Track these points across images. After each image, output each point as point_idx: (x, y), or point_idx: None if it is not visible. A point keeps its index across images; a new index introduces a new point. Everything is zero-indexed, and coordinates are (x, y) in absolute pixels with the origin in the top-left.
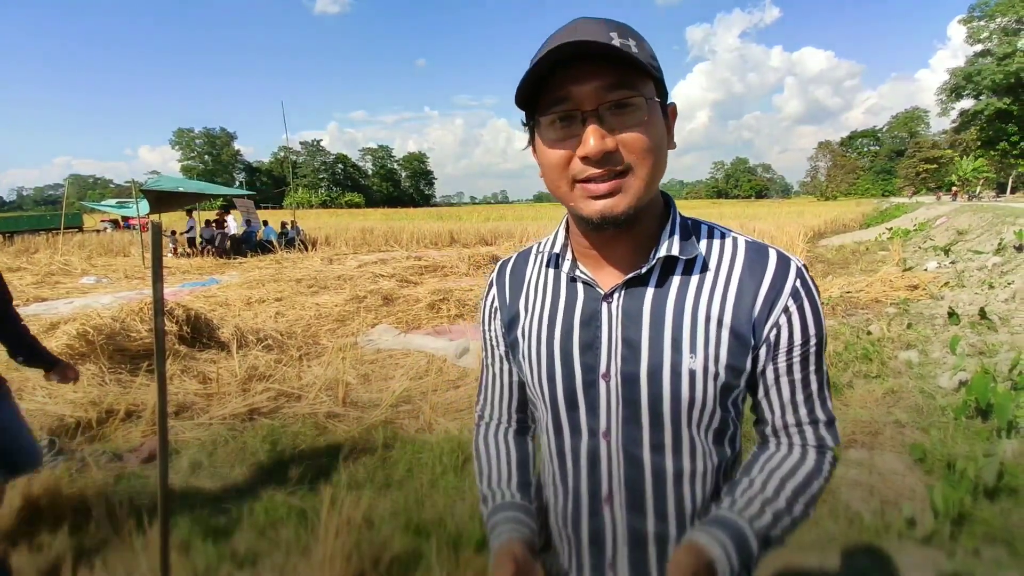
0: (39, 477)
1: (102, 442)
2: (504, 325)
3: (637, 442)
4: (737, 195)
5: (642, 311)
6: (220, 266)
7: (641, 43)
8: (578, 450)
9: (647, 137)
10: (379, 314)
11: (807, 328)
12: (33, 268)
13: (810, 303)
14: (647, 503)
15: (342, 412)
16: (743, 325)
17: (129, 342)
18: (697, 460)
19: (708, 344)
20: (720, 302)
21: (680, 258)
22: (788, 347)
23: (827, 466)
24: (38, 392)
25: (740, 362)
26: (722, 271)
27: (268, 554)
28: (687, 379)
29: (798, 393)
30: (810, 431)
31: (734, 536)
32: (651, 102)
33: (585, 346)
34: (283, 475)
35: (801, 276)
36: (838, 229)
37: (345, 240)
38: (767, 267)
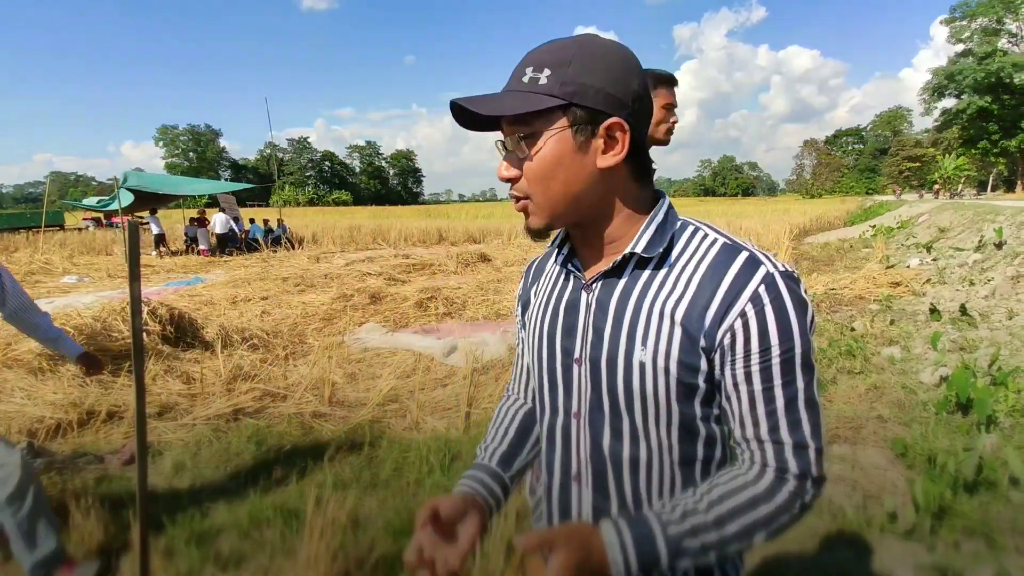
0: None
1: (83, 444)
2: (522, 309)
3: (599, 427)
4: (724, 193)
5: (610, 302)
6: (205, 264)
7: (562, 68)
8: (555, 427)
9: (536, 167)
10: (366, 313)
11: (767, 336)
12: (13, 267)
13: (775, 310)
14: (610, 486)
15: (328, 411)
16: (693, 324)
17: (111, 342)
18: (654, 452)
19: (660, 339)
20: (676, 299)
21: (645, 256)
22: (745, 353)
23: (784, 494)
24: (17, 394)
25: (692, 360)
26: (687, 269)
27: (252, 556)
28: (637, 370)
29: (758, 406)
30: (770, 450)
31: (639, 533)
32: (551, 133)
33: (566, 331)
34: (268, 476)
35: (769, 282)
36: (823, 227)
37: (332, 238)
38: (731, 267)
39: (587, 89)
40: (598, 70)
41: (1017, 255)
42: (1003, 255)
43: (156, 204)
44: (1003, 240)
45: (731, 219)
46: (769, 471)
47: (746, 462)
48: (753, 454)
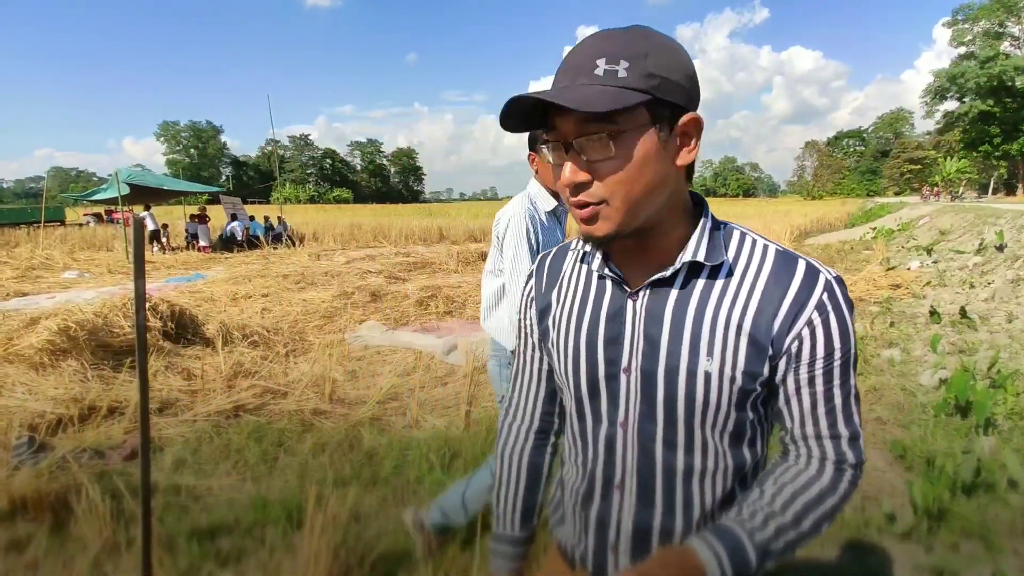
0: (20, 474)
1: (84, 440)
2: (537, 314)
3: (651, 436)
4: (725, 194)
5: (664, 311)
6: (205, 261)
7: (640, 60)
8: (597, 436)
9: (619, 170)
10: (367, 310)
11: (831, 341)
12: (14, 262)
13: (837, 317)
14: (656, 495)
15: (328, 409)
16: (762, 333)
17: (112, 338)
18: (709, 459)
19: (726, 349)
20: (741, 309)
21: (704, 264)
22: (811, 359)
23: (845, 484)
24: (18, 389)
25: (757, 368)
26: (747, 278)
27: (253, 552)
28: (702, 380)
29: (819, 405)
30: (830, 445)
31: (730, 545)
32: (632, 131)
33: (609, 340)
34: (269, 472)
35: (829, 289)
36: (824, 228)
37: (333, 236)
38: (794, 278)
39: (667, 83)
40: (672, 63)
41: (1017, 258)
42: (1004, 258)
43: (151, 200)
44: (1004, 243)
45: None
46: (828, 464)
47: (803, 457)
48: (811, 449)
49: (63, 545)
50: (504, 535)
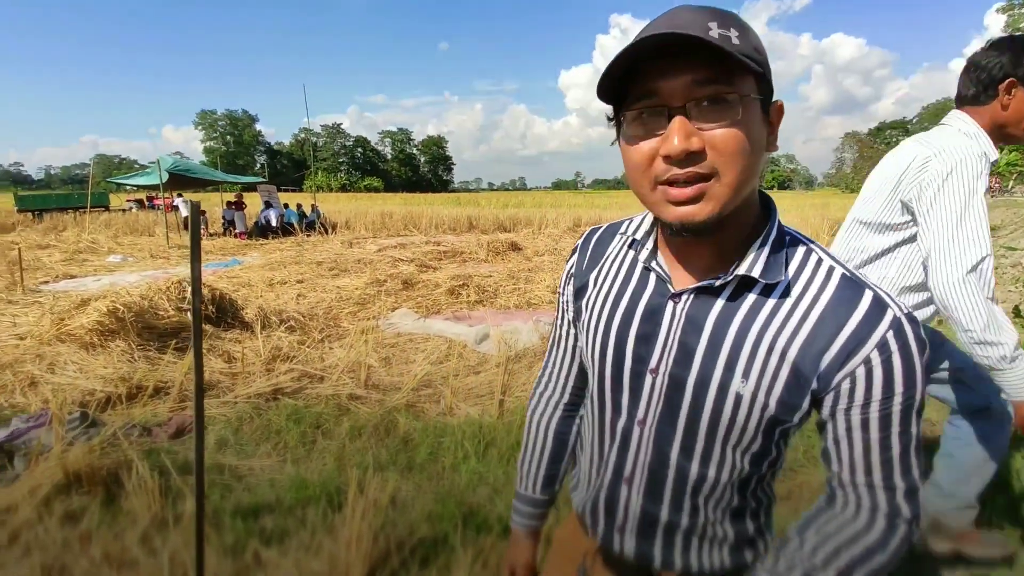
0: (75, 449)
1: (131, 417)
2: (574, 292)
3: (668, 440)
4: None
5: (706, 321)
6: (242, 247)
7: (744, 33)
8: (615, 426)
9: (739, 138)
10: (399, 298)
11: (891, 385)
12: (62, 246)
13: (903, 359)
14: (665, 494)
15: (364, 394)
16: (807, 365)
17: (157, 320)
18: (724, 472)
19: (764, 373)
20: (790, 334)
21: (759, 280)
22: (864, 401)
23: (896, 541)
24: (70, 367)
25: (796, 400)
26: (803, 302)
27: (295, 532)
28: (732, 401)
29: (873, 453)
30: (883, 496)
31: None
32: (748, 100)
33: (641, 337)
34: (307, 454)
35: (897, 327)
36: None
37: (364, 224)
38: (856, 309)
39: (765, 63)
40: (760, 45)
41: None
42: None
43: (188, 188)
44: None
45: None
46: (880, 517)
47: (851, 506)
48: (861, 499)
49: (114, 518)
50: (525, 496)
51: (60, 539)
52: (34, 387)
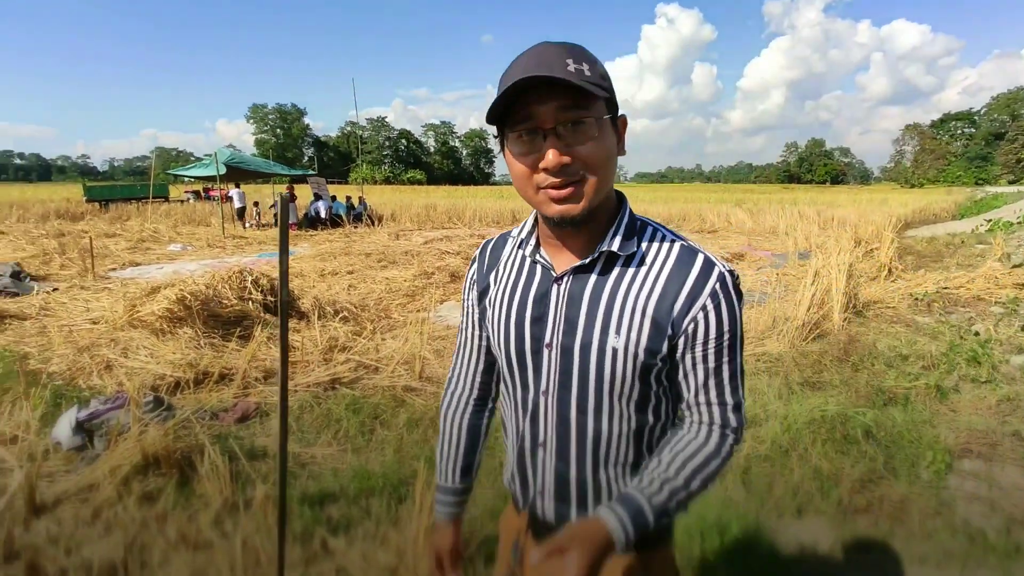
0: (151, 432)
1: (199, 401)
2: (477, 295)
3: (567, 403)
4: (811, 180)
5: (583, 295)
6: (292, 238)
7: (593, 65)
8: (526, 401)
9: (598, 150)
10: (447, 291)
11: (722, 325)
12: (126, 234)
13: (727, 304)
14: (571, 453)
15: (419, 386)
16: (663, 316)
17: (221, 308)
18: (615, 423)
19: (631, 328)
20: (647, 294)
21: (619, 253)
22: (704, 339)
23: (727, 447)
24: (141, 351)
25: (657, 346)
26: (654, 268)
27: (359, 522)
28: (610, 355)
29: (710, 378)
30: (717, 411)
31: (631, 510)
32: (600, 120)
33: (535, 319)
34: (367, 444)
35: (721, 280)
36: (927, 219)
37: (409, 216)
38: (692, 269)
39: (611, 87)
40: (606, 73)
41: None
42: None
43: (243, 179)
44: None
45: (821, 208)
46: (715, 429)
47: (694, 423)
48: (702, 415)
49: (188, 500)
50: (445, 487)
51: (139, 518)
52: (109, 370)
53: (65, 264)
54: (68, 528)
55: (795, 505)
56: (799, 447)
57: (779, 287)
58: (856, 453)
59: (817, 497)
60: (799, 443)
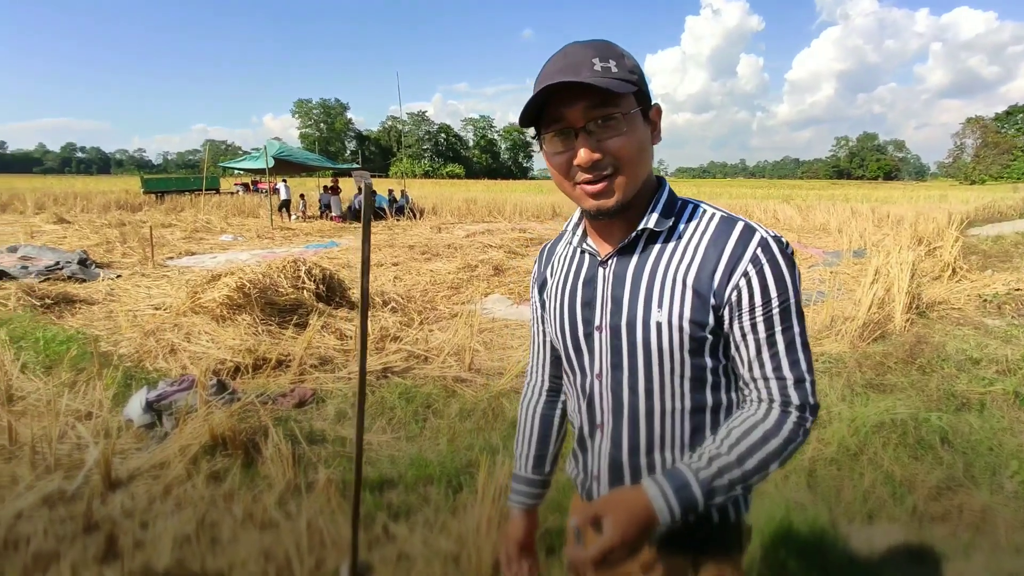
0: (217, 414)
1: (257, 386)
2: (538, 291)
3: (619, 384)
4: (862, 176)
5: (627, 273)
6: (337, 230)
7: (621, 60)
8: (584, 386)
9: (628, 144)
10: (491, 284)
11: (767, 291)
12: (181, 225)
13: (772, 268)
14: (623, 436)
15: (468, 377)
16: (704, 286)
17: (277, 296)
18: (666, 401)
19: (673, 301)
20: (686, 266)
21: (656, 230)
22: (750, 307)
23: (789, 425)
24: (203, 337)
25: (702, 317)
26: (692, 241)
27: (418, 508)
28: (655, 330)
29: (764, 351)
30: (775, 386)
31: (677, 484)
32: (629, 114)
33: (585, 303)
34: (420, 432)
35: (764, 244)
36: (992, 217)
37: (450, 210)
38: (731, 236)
39: (641, 79)
40: (636, 66)
41: None
42: None
43: (290, 173)
44: None
45: (875, 204)
46: (775, 406)
47: (754, 401)
48: (760, 392)
49: (252, 481)
50: (519, 475)
51: (207, 496)
52: (173, 353)
53: (126, 252)
54: (141, 503)
55: (865, 510)
56: (868, 451)
57: (834, 286)
58: (931, 459)
59: (890, 503)
60: (868, 446)
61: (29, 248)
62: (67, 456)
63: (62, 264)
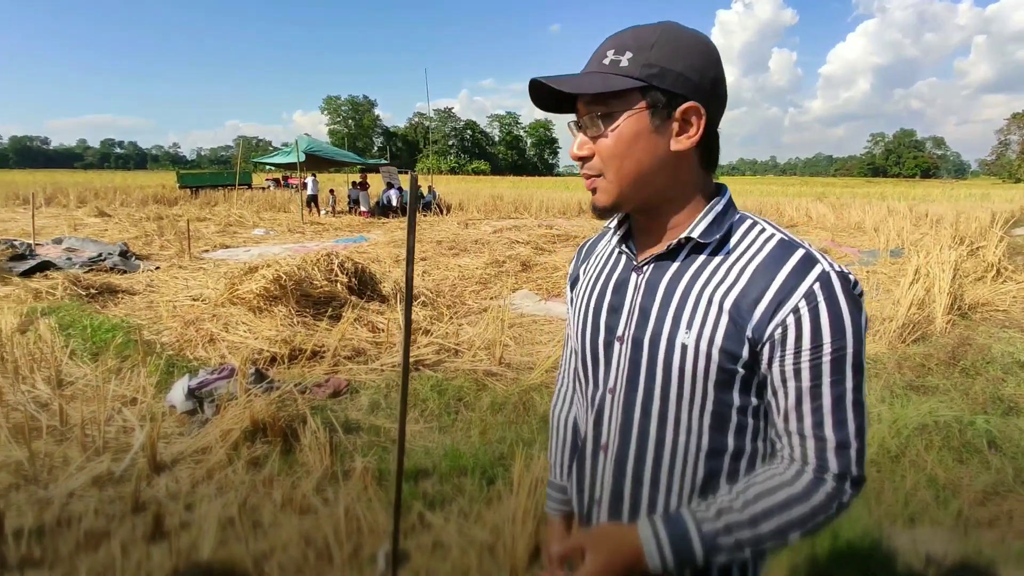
0: (259, 401)
1: (293, 376)
2: (570, 289)
3: (632, 403)
4: (898, 173)
5: (660, 284)
6: (366, 225)
7: (642, 52)
8: (594, 399)
9: (614, 144)
10: (519, 279)
11: (819, 334)
12: (215, 219)
13: (829, 308)
14: (629, 462)
15: (499, 371)
16: (742, 314)
17: (312, 289)
18: (680, 435)
19: (705, 323)
20: (727, 286)
21: (701, 241)
22: (796, 349)
23: (821, 495)
24: (240, 327)
25: (735, 348)
26: (741, 260)
27: (453, 499)
28: (679, 351)
29: (805, 402)
30: (812, 446)
31: (675, 531)
32: (621, 113)
33: (612, 309)
34: (452, 424)
35: (824, 279)
36: None
37: (476, 206)
38: (787, 264)
39: (667, 73)
40: (679, 55)
41: None
42: None
43: (320, 168)
44: None
45: (912, 203)
46: (808, 470)
47: (785, 458)
48: (794, 449)
49: (291, 468)
50: (552, 482)
51: (248, 481)
52: (212, 343)
53: (164, 245)
54: (185, 486)
55: (907, 513)
56: (910, 453)
57: (871, 285)
58: (978, 463)
59: (933, 506)
60: (909, 448)
61: (73, 240)
62: (114, 439)
63: (104, 256)
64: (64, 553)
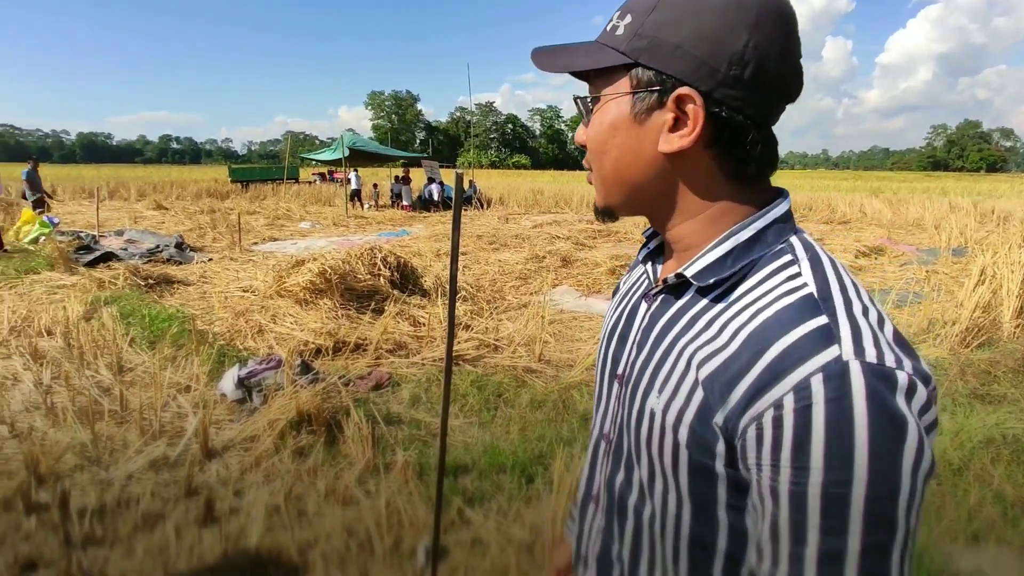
0: (304, 392)
1: (337, 368)
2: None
3: (619, 460)
4: (961, 167)
5: (658, 323)
6: (408, 219)
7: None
8: (590, 442)
9: (592, 136)
10: (559, 275)
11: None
12: (264, 212)
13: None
14: (614, 524)
15: (538, 368)
16: (715, 390)
17: (355, 283)
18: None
19: (678, 388)
20: (711, 350)
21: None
22: (772, 462)
23: None
24: (287, 319)
25: (705, 433)
26: (742, 315)
27: (492, 495)
28: (648, 416)
29: (782, 540)
30: None
31: None
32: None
33: (620, 338)
34: (492, 419)
35: (834, 372)
36: None
37: (516, 200)
38: (789, 334)
39: (661, 45)
40: (686, 20)
41: None
42: None
43: (363, 163)
44: None
45: (977, 198)
46: None
47: None
48: None
49: (334, 459)
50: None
51: (293, 470)
52: (261, 334)
53: (216, 237)
54: (235, 472)
55: (970, 530)
56: (974, 466)
57: (932, 286)
58: None
59: (1000, 524)
60: (974, 462)
61: (133, 232)
62: (170, 424)
63: (161, 247)
64: (123, 533)
